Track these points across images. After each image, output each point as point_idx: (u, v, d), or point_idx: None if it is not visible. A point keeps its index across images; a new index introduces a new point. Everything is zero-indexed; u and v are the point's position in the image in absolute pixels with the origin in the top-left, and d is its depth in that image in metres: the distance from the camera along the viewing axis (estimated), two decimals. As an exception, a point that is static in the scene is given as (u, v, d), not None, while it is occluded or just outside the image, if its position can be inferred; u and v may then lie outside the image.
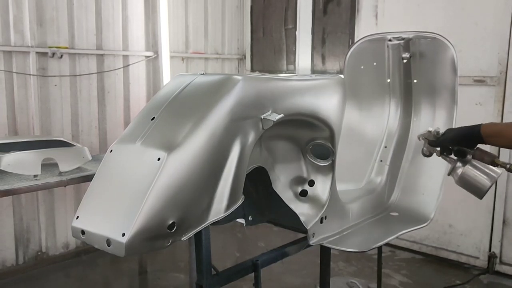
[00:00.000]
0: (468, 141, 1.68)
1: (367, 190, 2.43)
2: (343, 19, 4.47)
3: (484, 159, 1.67)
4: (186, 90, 1.56)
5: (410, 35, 2.34)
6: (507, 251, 3.58)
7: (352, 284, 3.36)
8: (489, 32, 3.50)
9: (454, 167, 1.74)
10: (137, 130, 1.47)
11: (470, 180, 1.72)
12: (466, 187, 1.75)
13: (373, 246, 2.07)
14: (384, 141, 2.55)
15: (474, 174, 1.71)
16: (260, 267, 1.83)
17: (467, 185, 1.74)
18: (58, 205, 3.83)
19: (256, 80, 1.66)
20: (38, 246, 3.74)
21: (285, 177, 1.90)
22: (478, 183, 1.71)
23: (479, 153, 1.69)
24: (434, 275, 3.63)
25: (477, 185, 1.72)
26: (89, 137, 4.00)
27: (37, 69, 3.61)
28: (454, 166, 1.74)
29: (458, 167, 1.73)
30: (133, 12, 4.25)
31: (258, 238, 4.25)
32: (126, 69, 4.25)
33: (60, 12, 3.72)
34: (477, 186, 1.72)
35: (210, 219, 1.41)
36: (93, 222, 1.34)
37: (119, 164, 1.43)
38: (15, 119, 3.55)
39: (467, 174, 1.71)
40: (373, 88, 2.58)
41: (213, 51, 5.13)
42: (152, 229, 1.27)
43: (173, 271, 3.69)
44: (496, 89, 3.50)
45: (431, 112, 2.45)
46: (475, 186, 1.73)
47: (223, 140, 1.43)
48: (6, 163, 2.58)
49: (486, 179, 1.71)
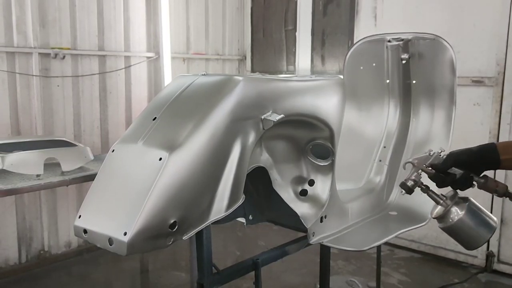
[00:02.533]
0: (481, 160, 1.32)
1: (366, 190, 2.44)
2: (343, 21, 4.49)
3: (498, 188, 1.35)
4: (187, 91, 1.56)
5: (409, 36, 2.34)
6: (505, 250, 3.60)
7: (352, 282, 3.37)
8: (487, 33, 3.52)
9: (447, 211, 1.37)
10: (139, 130, 1.47)
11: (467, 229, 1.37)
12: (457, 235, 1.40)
13: (372, 245, 2.06)
14: (383, 141, 2.55)
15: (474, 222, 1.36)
16: (261, 266, 1.84)
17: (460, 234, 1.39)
18: (60, 204, 3.85)
19: (257, 80, 1.67)
20: (40, 245, 3.77)
21: (285, 177, 1.91)
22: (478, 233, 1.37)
23: (491, 182, 1.35)
24: (433, 274, 3.65)
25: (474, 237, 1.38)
26: (91, 137, 4.03)
27: (40, 69, 3.63)
28: (447, 209, 1.37)
29: (454, 210, 1.36)
30: (134, 14, 4.28)
31: (258, 237, 4.27)
32: (127, 70, 4.27)
33: (63, 13, 3.75)
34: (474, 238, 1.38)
35: (211, 218, 1.41)
36: (95, 221, 1.35)
37: (121, 164, 1.43)
38: (18, 119, 3.57)
39: (464, 222, 1.36)
40: (372, 89, 2.59)
41: (214, 52, 5.15)
42: (153, 228, 1.27)
43: (174, 270, 3.71)
44: (494, 90, 3.52)
45: (430, 112, 2.46)
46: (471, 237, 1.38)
47: (224, 140, 1.44)
48: (9, 163, 2.60)
49: (487, 229, 1.38)
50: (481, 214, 1.38)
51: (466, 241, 1.40)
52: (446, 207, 1.37)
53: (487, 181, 1.35)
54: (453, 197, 1.38)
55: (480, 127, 3.62)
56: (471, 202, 1.38)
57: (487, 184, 1.35)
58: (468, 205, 1.36)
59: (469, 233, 1.37)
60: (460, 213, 1.35)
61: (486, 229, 1.37)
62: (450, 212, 1.37)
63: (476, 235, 1.37)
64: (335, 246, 2.02)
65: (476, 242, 1.39)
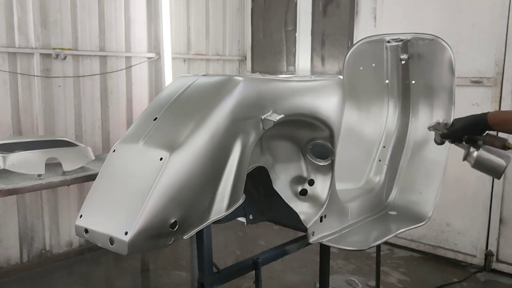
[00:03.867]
0: (476, 129, 1.75)
1: (366, 190, 2.45)
2: (342, 21, 4.50)
3: (495, 143, 1.73)
4: (188, 91, 1.57)
5: (408, 37, 2.36)
6: (503, 249, 3.60)
7: (351, 281, 3.38)
8: (486, 33, 3.53)
9: (468, 152, 1.78)
10: (140, 130, 1.48)
11: (486, 162, 1.76)
12: (483, 169, 1.80)
13: (372, 245, 2.08)
14: (382, 141, 2.57)
15: (489, 156, 1.76)
16: (261, 265, 1.85)
17: (484, 167, 1.78)
18: (61, 204, 3.86)
19: (257, 81, 1.68)
20: (42, 245, 3.78)
21: (285, 177, 1.92)
22: (495, 163, 1.76)
23: (490, 139, 1.74)
24: (432, 273, 3.65)
25: (494, 166, 1.77)
26: (92, 137, 4.04)
27: (41, 70, 3.64)
28: (468, 152, 1.78)
29: (472, 151, 1.77)
30: (135, 14, 4.29)
31: (258, 237, 4.28)
32: (128, 70, 4.29)
33: (64, 14, 3.76)
34: (494, 167, 1.77)
35: (211, 218, 1.42)
36: (96, 221, 1.35)
37: (122, 164, 1.44)
38: (20, 119, 3.58)
39: (482, 157, 1.76)
40: (372, 89, 2.60)
41: (214, 53, 5.16)
42: (154, 227, 1.28)
43: (175, 269, 3.72)
44: (493, 90, 3.53)
45: (429, 112, 2.47)
46: (492, 167, 1.77)
47: (224, 140, 1.45)
48: (11, 163, 2.60)
49: (502, 160, 1.76)
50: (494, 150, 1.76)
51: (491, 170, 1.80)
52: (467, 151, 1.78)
53: (486, 138, 1.75)
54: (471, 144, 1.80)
55: (479, 127, 3.63)
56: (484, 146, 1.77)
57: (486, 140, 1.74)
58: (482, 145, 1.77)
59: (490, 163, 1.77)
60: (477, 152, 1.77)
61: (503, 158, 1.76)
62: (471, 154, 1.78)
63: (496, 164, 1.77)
64: (334, 246, 2.03)
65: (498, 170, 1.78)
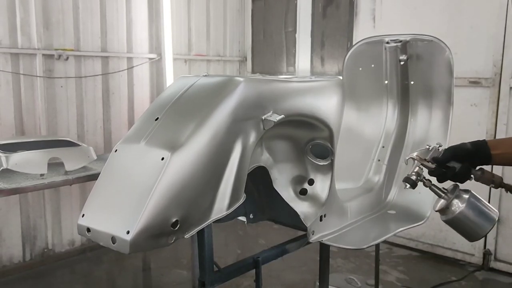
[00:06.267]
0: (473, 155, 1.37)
1: (365, 189, 2.45)
2: (342, 22, 4.52)
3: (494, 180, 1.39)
4: (189, 91, 1.58)
5: (407, 38, 2.36)
6: (501, 248, 3.63)
7: (351, 280, 3.40)
8: (484, 35, 3.55)
9: (448, 203, 1.40)
10: (141, 130, 1.48)
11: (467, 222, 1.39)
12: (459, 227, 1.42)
13: (371, 244, 2.09)
14: (381, 141, 2.57)
15: (475, 214, 1.38)
16: (261, 264, 1.87)
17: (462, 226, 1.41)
18: (64, 203, 3.88)
19: (257, 81, 1.69)
20: (44, 243, 3.80)
21: (286, 176, 1.93)
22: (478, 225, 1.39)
23: (487, 174, 1.38)
24: (430, 272, 3.67)
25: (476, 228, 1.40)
26: (94, 137, 4.06)
27: (44, 71, 3.67)
28: (448, 202, 1.39)
29: (455, 202, 1.39)
30: (137, 15, 4.31)
31: (259, 236, 4.30)
32: (130, 71, 4.31)
33: (66, 15, 3.78)
34: (475, 230, 1.40)
35: (212, 217, 1.42)
36: (99, 220, 1.36)
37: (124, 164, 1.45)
38: (22, 119, 3.61)
39: (465, 214, 1.38)
40: (371, 90, 2.61)
41: (215, 53, 5.18)
42: (156, 227, 1.29)
43: (176, 268, 3.74)
44: (491, 91, 3.56)
45: (427, 113, 2.48)
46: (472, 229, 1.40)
47: (225, 140, 1.45)
48: (14, 163, 2.62)
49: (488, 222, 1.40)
50: (481, 206, 1.40)
51: (467, 232, 1.42)
52: (448, 200, 1.40)
53: (484, 173, 1.38)
54: (454, 190, 1.41)
55: (477, 127, 3.64)
56: (472, 194, 1.40)
57: (484, 176, 1.38)
58: (469, 198, 1.38)
59: (470, 225, 1.40)
60: (461, 205, 1.38)
61: (486, 221, 1.39)
62: (452, 204, 1.39)
63: (477, 227, 1.40)
64: (334, 245, 2.04)
65: (478, 234, 1.42)
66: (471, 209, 1.38)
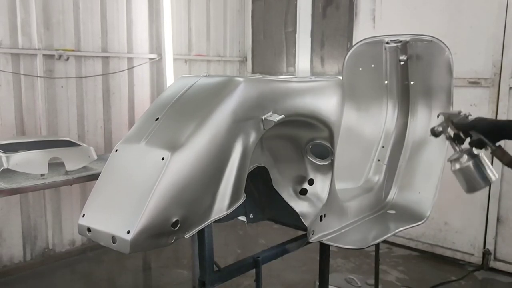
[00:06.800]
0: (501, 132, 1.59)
1: (365, 189, 2.46)
2: (342, 23, 4.52)
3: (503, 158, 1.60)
4: (189, 92, 1.58)
5: (407, 38, 2.37)
6: (501, 248, 3.63)
7: (351, 280, 3.40)
8: (484, 35, 3.55)
9: (459, 157, 1.70)
10: (142, 130, 1.49)
11: (469, 175, 1.70)
12: (461, 178, 1.73)
13: (370, 243, 2.11)
14: (381, 141, 2.58)
15: (476, 172, 1.69)
16: (261, 264, 1.87)
17: (464, 178, 1.72)
18: (64, 203, 3.89)
19: (257, 81, 1.69)
20: (45, 243, 3.81)
21: (286, 176, 1.94)
22: (476, 181, 1.70)
23: (501, 151, 1.60)
24: (430, 271, 3.68)
25: (473, 183, 1.71)
26: (94, 137, 4.07)
27: (44, 71, 3.67)
28: (460, 156, 1.70)
29: (464, 158, 1.69)
30: (137, 16, 4.32)
31: (259, 236, 4.30)
32: (130, 71, 4.32)
33: (67, 15, 3.79)
34: (473, 184, 1.71)
35: (212, 217, 1.43)
36: (99, 220, 1.37)
37: (124, 164, 1.45)
38: (23, 119, 3.61)
39: (470, 169, 1.68)
40: (371, 90, 2.61)
41: (215, 54, 5.18)
42: (156, 226, 1.29)
43: (176, 268, 3.74)
44: (491, 91, 3.56)
45: (427, 113, 2.49)
46: (471, 182, 1.71)
47: (225, 140, 1.46)
48: (14, 163, 2.62)
49: (483, 181, 1.70)
50: (483, 167, 1.70)
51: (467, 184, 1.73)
52: (459, 155, 1.71)
53: (498, 148, 1.60)
54: (467, 150, 1.70)
55: (477, 127, 3.65)
56: (478, 158, 1.69)
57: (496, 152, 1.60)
58: (475, 159, 1.69)
59: (469, 179, 1.71)
60: (468, 162, 1.69)
61: (483, 180, 1.70)
62: (460, 160, 1.70)
63: (475, 182, 1.71)
64: (334, 244, 2.05)
65: (474, 188, 1.73)
66: (474, 167, 1.69)
